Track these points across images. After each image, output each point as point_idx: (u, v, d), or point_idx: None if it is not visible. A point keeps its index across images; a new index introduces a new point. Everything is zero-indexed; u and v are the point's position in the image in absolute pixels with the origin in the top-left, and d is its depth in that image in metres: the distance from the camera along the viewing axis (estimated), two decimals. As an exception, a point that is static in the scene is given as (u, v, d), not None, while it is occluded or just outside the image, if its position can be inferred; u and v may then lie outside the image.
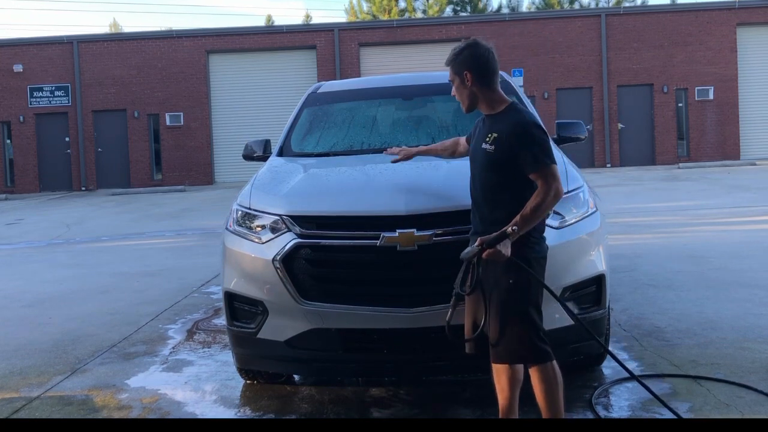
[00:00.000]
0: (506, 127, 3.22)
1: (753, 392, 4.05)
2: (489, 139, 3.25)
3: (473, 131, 3.53)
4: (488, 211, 3.26)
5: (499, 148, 3.20)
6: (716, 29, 24.01)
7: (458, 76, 3.33)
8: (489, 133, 3.27)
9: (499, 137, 3.22)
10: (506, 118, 3.27)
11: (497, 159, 3.21)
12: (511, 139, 3.18)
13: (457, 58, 3.33)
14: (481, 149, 3.30)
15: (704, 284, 6.59)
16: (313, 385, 4.55)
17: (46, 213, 17.76)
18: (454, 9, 37.02)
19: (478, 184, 3.33)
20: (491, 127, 3.30)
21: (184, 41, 24.79)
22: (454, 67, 3.35)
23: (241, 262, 4.03)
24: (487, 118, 3.38)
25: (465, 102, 3.37)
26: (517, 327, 3.16)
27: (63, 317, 6.67)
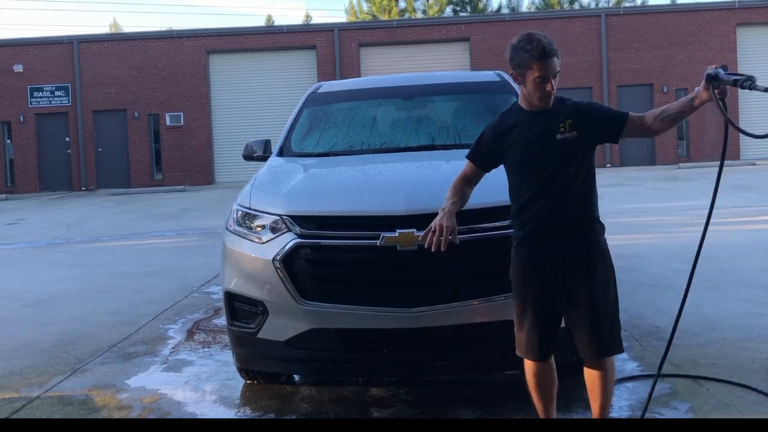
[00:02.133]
0: (570, 108, 3.16)
1: (753, 392, 4.05)
2: (564, 128, 3.12)
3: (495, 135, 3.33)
4: (575, 204, 3.14)
5: (585, 128, 3.12)
6: (716, 29, 24.02)
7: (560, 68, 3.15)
8: (560, 123, 3.13)
9: (575, 120, 3.12)
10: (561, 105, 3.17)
11: (583, 141, 3.14)
12: (584, 114, 3.14)
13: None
14: (556, 141, 3.12)
15: (704, 284, 6.58)
16: (313, 385, 4.55)
17: (46, 213, 17.76)
18: (454, 9, 37.03)
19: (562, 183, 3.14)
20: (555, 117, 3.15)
21: (184, 41, 24.79)
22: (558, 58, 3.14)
23: (241, 262, 4.03)
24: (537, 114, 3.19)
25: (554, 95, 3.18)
26: (617, 316, 3.21)
27: (63, 317, 6.67)
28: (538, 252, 3.19)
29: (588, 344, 3.18)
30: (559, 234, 3.15)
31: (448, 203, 3.32)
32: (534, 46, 3.06)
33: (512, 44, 3.16)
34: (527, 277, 3.22)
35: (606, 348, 3.19)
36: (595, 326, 3.15)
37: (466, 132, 5.29)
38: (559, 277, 3.16)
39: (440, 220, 3.22)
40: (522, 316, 3.26)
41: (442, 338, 3.77)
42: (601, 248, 3.21)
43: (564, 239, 3.15)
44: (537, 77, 3.09)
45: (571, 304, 3.17)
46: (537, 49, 3.06)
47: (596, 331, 3.15)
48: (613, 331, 3.19)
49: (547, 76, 3.08)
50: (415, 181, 4.12)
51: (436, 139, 5.19)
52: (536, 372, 3.31)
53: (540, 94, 3.13)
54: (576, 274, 3.14)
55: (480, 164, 3.40)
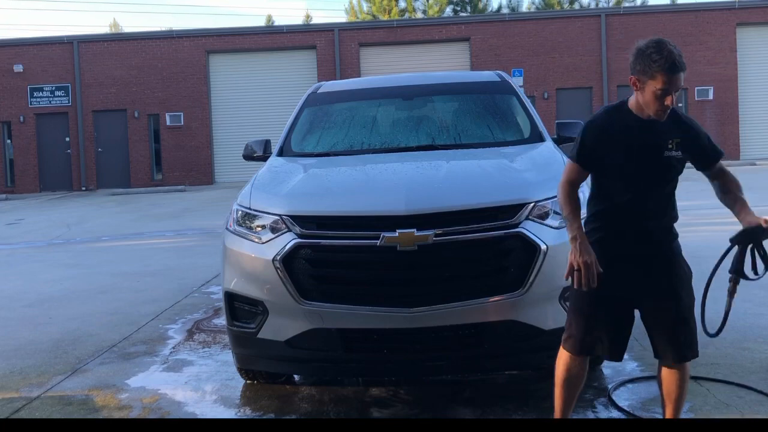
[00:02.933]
0: (681, 128, 3.09)
1: (753, 392, 4.05)
2: (672, 145, 3.07)
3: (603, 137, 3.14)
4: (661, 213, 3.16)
5: (688, 150, 3.10)
6: (716, 29, 24.01)
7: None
8: (670, 140, 3.06)
9: (683, 140, 3.08)
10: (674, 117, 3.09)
11: (683, 162, 3.13)
12: (691, 138, 3.10)
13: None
14: (664, 158, 3.07)
15: (704, 284, 6.57)
16: (313, 385, 4.55)
17: (46, 213, 17.76)
18: (454, 9, 37.04)
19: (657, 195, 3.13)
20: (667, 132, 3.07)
21: (184, 41, 24.79)
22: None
23: (241, 262, 4.03)
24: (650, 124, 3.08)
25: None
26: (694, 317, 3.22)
27: (63, 317, 6.67)
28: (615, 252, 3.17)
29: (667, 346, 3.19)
30: (642, 241, 3.15)
31: (575, 231, 3.14)
32: (663, 57, 2.91)
33: (639, 48, 3.00)
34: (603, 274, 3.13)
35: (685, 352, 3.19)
36: (675, 328, 3.17)
37: (466, 132, 5.30)
38: (636, 278, 3.16)
39: (581, 257, 3.08)
40: (583, 310, 3.22)
41: (442, 338, 3.77)
42: (678, 252, 3.25)
43: (646, 245, 3.16)
44: (659, 89, 2.95)
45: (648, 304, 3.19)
46: (667, 61, 2.91)
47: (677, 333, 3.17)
48: (692, 335, 3.20)
49: (670, 90, 2.95)
50: (415, 181, 4.12)
51: (436, 139, 5.19)
52: (568, 367, 3.28)
53: (657, 107, 3.00)
54: (658, 276, 3.16)
55: (586, 165, 3.21)
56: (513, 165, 4.35)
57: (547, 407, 3.97)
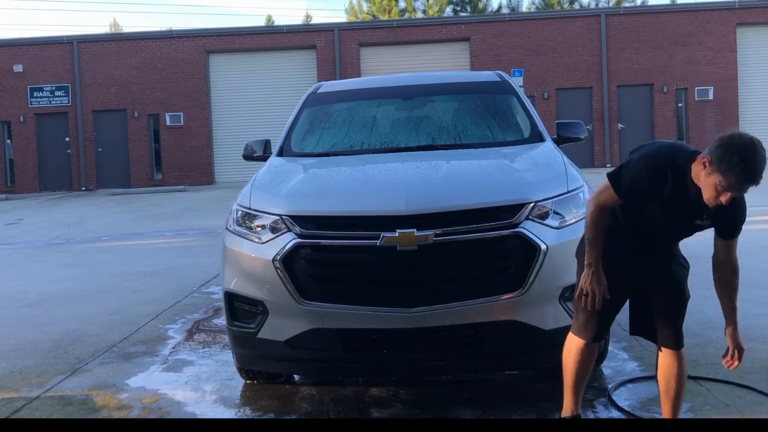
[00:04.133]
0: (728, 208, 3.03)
1: (753, 392, 4.05)
2: (705, 217, 3.13)
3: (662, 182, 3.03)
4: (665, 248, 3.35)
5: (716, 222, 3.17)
6: (716, 29, 24.01)
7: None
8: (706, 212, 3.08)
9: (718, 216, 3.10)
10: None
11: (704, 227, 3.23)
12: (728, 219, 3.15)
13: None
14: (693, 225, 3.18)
15: (704, 284, 6.54)
16: (313, 385, 4.55)
17: (46, 213, 17.76)
18: (454, 9, 37.03)
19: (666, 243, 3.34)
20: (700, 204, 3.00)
21: (184, 41, 24.79)
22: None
23: (241, 262, 4.03)
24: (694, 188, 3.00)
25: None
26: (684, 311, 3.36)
27: (63, 317, 6.67)
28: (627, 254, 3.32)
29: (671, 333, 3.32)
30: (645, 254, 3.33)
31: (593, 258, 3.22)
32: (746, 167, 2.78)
33: (728, 141, 2.82)
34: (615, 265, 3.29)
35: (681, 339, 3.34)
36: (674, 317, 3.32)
37: (466, 132, 5.30)
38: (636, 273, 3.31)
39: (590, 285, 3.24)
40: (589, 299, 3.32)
41: (442, 338, 3.77)
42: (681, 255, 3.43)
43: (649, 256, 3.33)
44: (721, 186, 2.85)
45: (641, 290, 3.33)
46: (745, 174, 2.79)
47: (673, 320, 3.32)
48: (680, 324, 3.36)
49: (732, 194, 2.90)
50: (415, 181, 4.12)
51: (436, 139, 5.19)
52: (581, 351, 3.39)
53: (711, 197, 2.91)
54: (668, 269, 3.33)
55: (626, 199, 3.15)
56: (513, 165, 4.35)
57: (547, 407, 3.98)
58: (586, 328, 3.36)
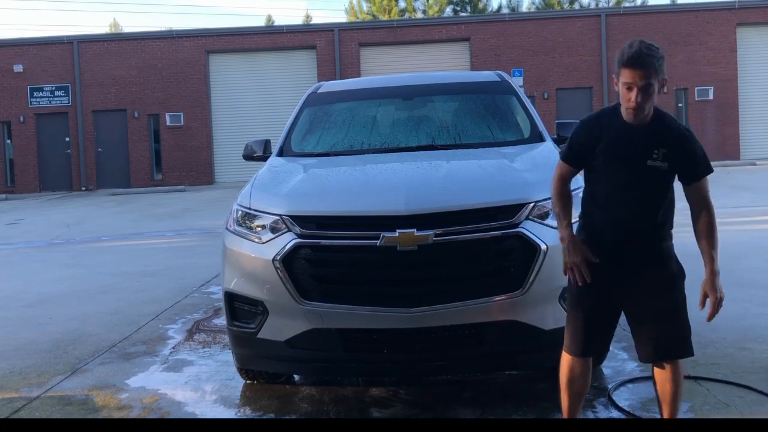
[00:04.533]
0: (671, 138, 3.04)
1: (753, 392, 4.05)
2: (657, 155, 3.04)
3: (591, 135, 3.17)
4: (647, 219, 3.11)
5: (672, 163, 3.05)
6: (716, 29, 24.02)
7: (659, 83, 2.98)
8: (655, 149, 3.04)
9: (668, 152, 3.04)
10: (665, 126, 3.07)
11: (670, 173, 3.08)
12: (680, 150, 3.05)
13: (659, 62, 2.96)
14: (646, 166, 3.05)
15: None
16: (313, 385, 4.55)
17: (46, 213, 17.76)
18: (454, 9, 37.03)
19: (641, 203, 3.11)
20: (653, 140, 3.05)
21: (184, 41, 24.79)
22: (660, 72, 2.97)
23: (241, 262, 4.03)
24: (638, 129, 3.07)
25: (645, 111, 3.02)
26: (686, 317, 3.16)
27: (63, 317, 6.67)
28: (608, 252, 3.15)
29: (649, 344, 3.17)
30: (625, 243, 3.13)
31: (563, 230, 3.22)
32: (625, 51, 2.95)
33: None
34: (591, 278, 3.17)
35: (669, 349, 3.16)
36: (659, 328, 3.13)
37: (466, 132, 5.30)
38: (619, 278, 3.14)
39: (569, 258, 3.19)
40: (579, 310, 3.24)
41: (442, 338, 3.77)
42: (666, 253, 3.18)
43: (629, 247, 3.13)
44: (623, 83, 2.98)
45: (631, 304, 3.17)
46: (626, 54, 2.94)
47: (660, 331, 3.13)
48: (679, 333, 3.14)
49: (631, 85, 2.95)
50: (415, 181, 4.12)
51: (436, 139, 5.19)
52: (571, 367, 3.30)
53: (625, 103, 3.02)
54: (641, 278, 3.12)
55: (573, 162, 3.27)
56: (513, 165, 4.35)
57: (547, 407, 3.98)
58: (575, 340, 3.24)
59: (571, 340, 3.27)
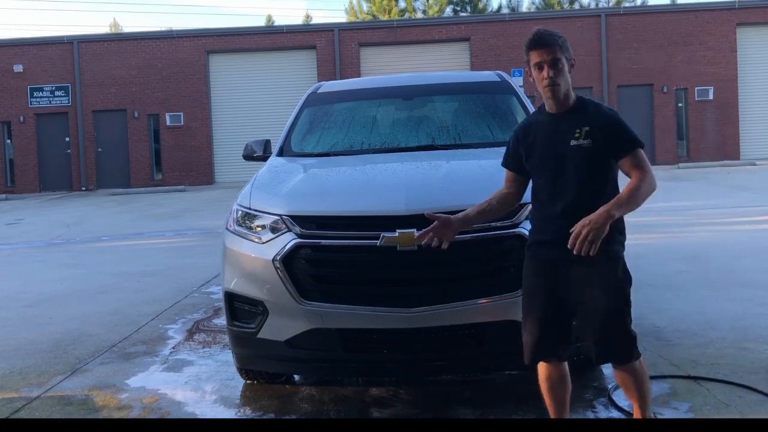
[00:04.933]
0: (594, 118, 3.08)
1: (753, 392, 4.05)
2: (579, 134, 3.06)
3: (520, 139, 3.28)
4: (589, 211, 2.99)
5: (597, 140, 3.04)
6: (716, 29, 24.02)
7: (567, 60, 3.11)
8: (577, 129, 3.07)
9: (592, 130, 3.05)
10: (586, 110, 3.12)
11: (596, 151, 3.04)
12: (604, 127, 3.05)
13: (561, 40, 3.10)
14: (569, 148, 3.07)
15: (704, 284, 6.59)
16: (313, 385, 4.55)
17: (46, 213, 17.76)
18: (454, 9, 37.03)
19: (574, 188, 3.07)
20: (574, 122, 3.09)
21: (184, 41, 24.79)
22: (565, 50, 3.10)
23: (241, 262, 4.03)
24: (558, 117, 3.15)
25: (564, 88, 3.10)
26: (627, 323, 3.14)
27: (63, 317, 6.67)
28: (548, 254, 3.14)
29: (589, 348, 3.15)
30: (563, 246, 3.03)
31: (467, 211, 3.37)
32: (528, 37, 3.14)
33: None
34: (537, 277, 3.19)
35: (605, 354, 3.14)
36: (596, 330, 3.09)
37: (466, 132, 5.30)
38: (567, 279, 3.11)
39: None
40: (530, 316, 3.21)
41: (442, 338, 3.77)
42: (612, 256, 3.10)
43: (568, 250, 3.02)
44: (533, 65, 3.13)
45: (577, 306, 3.12)
46: (529, 39, 3.13)
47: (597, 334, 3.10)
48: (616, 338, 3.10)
49: (540, 63, 3.10)
50: (415, 181, 4.12)
51: (436, 139, 5.19)
52: (547, 375, 3.28)
53: (541, 84, 3.13)
54: (582, 277, 3.07)
55: (513, 168, 3.34)
56: (513, 165, 4.34)
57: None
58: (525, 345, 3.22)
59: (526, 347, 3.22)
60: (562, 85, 3.11)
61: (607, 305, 3.08)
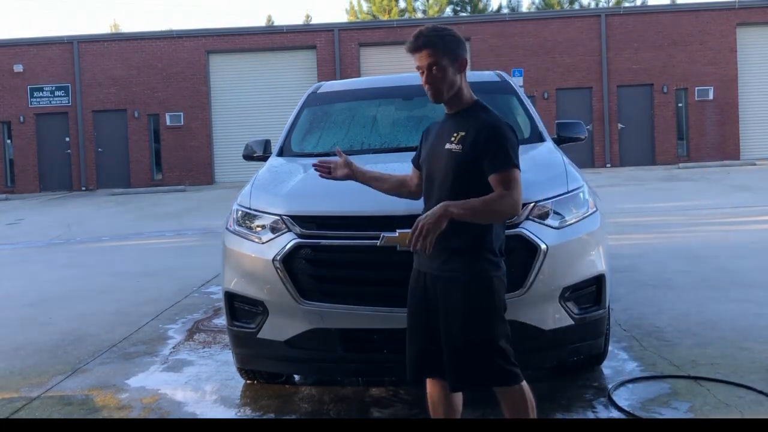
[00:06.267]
0: (476, 125, 2.91)
1: (753, 392, 4.05)
2: (455, 138, 2.93)
3: (424, 137, 3.22)
4: (449, 232, 2.81)
5: (467, 148, 2.89)
6: (716, 29, 24.01)
7: (450, 60, 2.93)
8: (455, 132, 2.94)
9: (466, 136, 2.90)
10: (475, 115, 2.96)
11: (465, 159, 2.88)
12: (480, 137, 2.87)
13: (449, 41, 2.94)
14: (444, 150, 2.95)
15: (704, 284, 6.59)
16: (313, 385, 4.55)
17: (46, 213, 17.76)
18: (454, 9, 37.04)
19: (439, 190, 2.95)
20: (456, 125, 2.97)
21: (184, 41, 24.79)
22: (447, 51, 2.93)
23: (241, 262, 4.04)
24: (449, 118, 3.05)
25: (447, 92, 2.97)
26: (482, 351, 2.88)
27: (63, 317, 6.67)
28: (422, 265, 3.02)
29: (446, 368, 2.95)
30: (441, 251, 2.88)
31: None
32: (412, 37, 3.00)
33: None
34: (412, 288, 3.08)
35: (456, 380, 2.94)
36: (450, 354, 2.91)
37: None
38: (435, 294, 2.95)
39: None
40: (407, 326, 3.10)
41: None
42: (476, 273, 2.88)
43: (445, 258, 2.90)
44: (417, 68, 3.02)
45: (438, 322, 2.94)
46: (409, 41, 3.00)
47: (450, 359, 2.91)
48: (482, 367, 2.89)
49: (420, 68, 2.98)
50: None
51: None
52: (430, 394, 3.14)
53: (423, 83, 3.02)
54: (446, 296, 2.91)
55: (414, 164, 3.28)
56: (513, 165, 4.34)
57: (547, 407, 3.98)
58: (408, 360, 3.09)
59: (408, 363, 3.10)
60: (444, 90, 2.97)
61: (459, 331, 2.87)
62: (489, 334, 2.88)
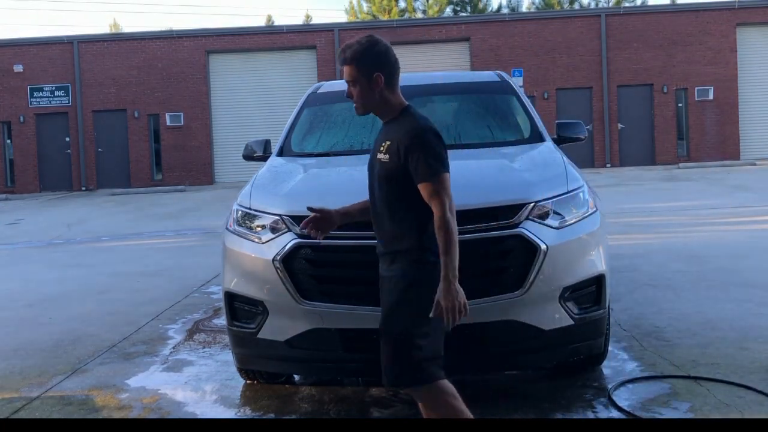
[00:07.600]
0: (399, 133, 2.93)
1: (753, 392, 4.05)
2: (383, 148, 2.97)
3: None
4: (391, 227, 2.96)
5: (393, 157, 2.92)
6: (716, 29, 24.01)
7: (365, 77, 2.95)
8: (383, 142, 2.99)
9: (391, 144, 2.93)
10: (401, 123, 2.97)
11: (391, 169, 2.92)
12: (402, 146, 2.89)
13: (365, 57, 2.95)
14: (376, 161, 3.02)
15: (704, 284, 6.59)
16: (313, 385, 4.55)
17: (46, 213, 17.76)
18: (454, 9, 37.04)
19: (377, 199, 3.03)
20: (386, 135, 3.02)
21: (184, 41, 24.79)
22: (362, 67, 2.94)
23: (241, 262, 4.04)
24: (382, 127, 3.09)
25: (366, 107, 3.02)
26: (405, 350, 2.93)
27: (63, 317, 6.67)
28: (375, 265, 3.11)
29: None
30: (386, 255, 3.01)
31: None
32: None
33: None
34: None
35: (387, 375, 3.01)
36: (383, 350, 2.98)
37: (466, 132, 5.30)
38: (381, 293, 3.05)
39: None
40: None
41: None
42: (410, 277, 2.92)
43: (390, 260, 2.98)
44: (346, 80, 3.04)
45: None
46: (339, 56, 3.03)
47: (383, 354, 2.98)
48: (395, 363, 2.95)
49: (347, 81, 3.01)
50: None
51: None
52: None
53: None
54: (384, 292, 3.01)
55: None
56: (513, 165, 4.35)
57: (547, 407, 3.98)
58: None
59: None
60: (362, 104, 3.01)
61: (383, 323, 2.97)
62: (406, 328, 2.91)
